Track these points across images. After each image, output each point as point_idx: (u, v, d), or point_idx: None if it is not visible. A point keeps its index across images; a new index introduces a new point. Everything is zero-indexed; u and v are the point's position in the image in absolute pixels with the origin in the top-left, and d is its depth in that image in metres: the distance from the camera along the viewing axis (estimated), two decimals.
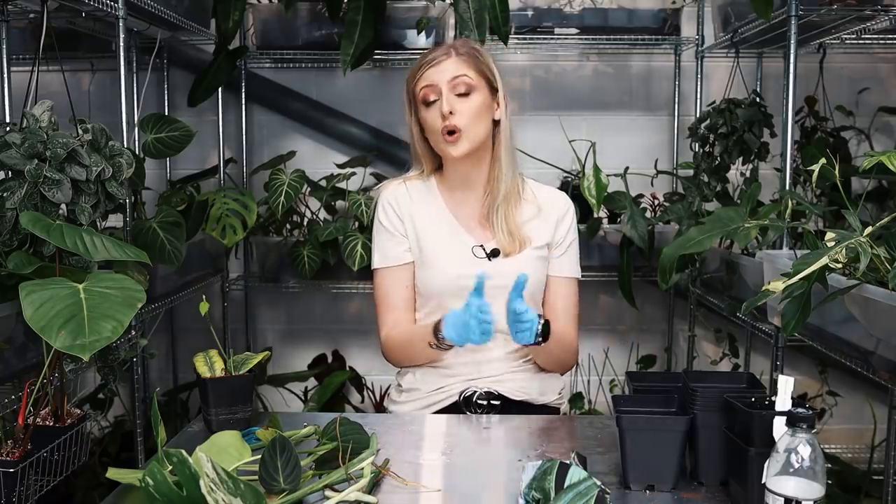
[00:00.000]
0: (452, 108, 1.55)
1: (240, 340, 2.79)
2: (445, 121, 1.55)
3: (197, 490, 0.89)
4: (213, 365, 1.37)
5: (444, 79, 1.56)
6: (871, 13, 1.94)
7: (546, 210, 1.66)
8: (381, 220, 1.67)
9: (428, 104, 1.58)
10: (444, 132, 1.56)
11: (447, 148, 1.57)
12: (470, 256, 1.62)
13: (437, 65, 1.57)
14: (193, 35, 2.44)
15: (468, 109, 1.56)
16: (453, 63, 1.57)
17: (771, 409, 1.05)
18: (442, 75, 1.56)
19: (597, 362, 2.81)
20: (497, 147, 1.63)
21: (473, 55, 1.59)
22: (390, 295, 1.66)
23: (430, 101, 1.57)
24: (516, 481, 1.10)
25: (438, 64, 1.57)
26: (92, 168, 1.26)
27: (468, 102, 1.56)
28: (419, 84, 1.59)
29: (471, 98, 1.57)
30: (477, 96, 1.57)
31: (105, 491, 2.16)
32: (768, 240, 1.83)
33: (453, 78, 1.56)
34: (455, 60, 1.57)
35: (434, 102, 1.57)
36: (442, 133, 1.56)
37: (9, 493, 1.08)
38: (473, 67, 1.58)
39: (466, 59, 1.58)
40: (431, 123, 1.58)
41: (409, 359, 1.64)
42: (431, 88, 1.57)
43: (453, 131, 1.55)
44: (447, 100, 1.55)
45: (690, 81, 2.70)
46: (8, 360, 1.35)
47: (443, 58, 1.57)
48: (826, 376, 2.66)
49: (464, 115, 1.55)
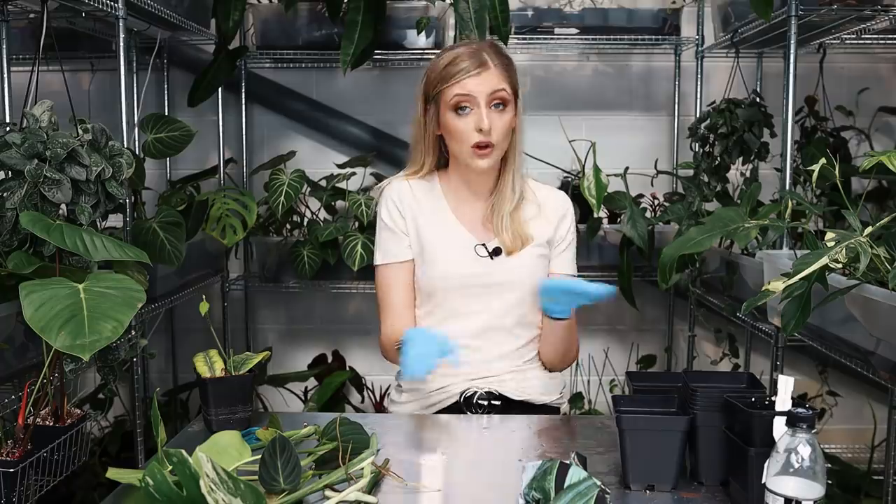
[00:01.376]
0: (492, 124, 1.52)
1: (240, 340, 2.79)
2: (482, 136, 1.52)
3: (197, 490, 0.89)
4: (213, 365, 1.37)
5: (484, 91, 1.52)
6: (871, 13, 1.94)
7: (546, 208, 1.66)
8: (383, 217, 1.67)
9: (459, 112, 1.54)
10: (477, 145, 1.53)
11: (476, 161, 1.55)
12: (472, 255, 1.62)
13: (477, 75, 1.52)
14: (193, 35, 2.44)
15: (503, 125, 1.54)
16: (494, 76, 1.53)
17: (771, 409, 1.05)
18: (482, 87, 1.52)
19: (597, 362, 2.81)
20: (509, 154, 1.61)
21: (507, 66, 1.56)
22: (391, 292, 1.66)
23: (463, 110, 1.54)
24: (516, 481, 1.10)
25: (479, 75, 1.52)
26: (92, 168, 1.26)
27: (503, 118, 1.54)
28: (452, 89, 1.53)
29: (505, 112, 1.55)
30: (510, 110, 1.56)
31: (105, 491, 2.16)
32: (768, 240, 1.83)
33: (493, 92, 1.52)
34: (495, 73, 1.53)
35: (467, 111, 1.53)
36: (473, 145, 1.54)
37: (9, 493, 1.08)
38: (509, 81, 1.55)
39: (504, 72, 1.54)
40: (461, 132, 1.54)
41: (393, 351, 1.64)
42: (468, 98, 1.53)
43: (487, 145, 1.53)
44: (486, 115, 1.52)
45: (690, 81, 2.70)
46: (8, 360, 1.35)
47: (483, 69, 1.52)
48: (826, 376, 2.66)
49: (498, 130, 1.53)
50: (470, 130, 1.53)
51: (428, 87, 1.59)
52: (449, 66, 1.54)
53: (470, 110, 1.53)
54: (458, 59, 1.54)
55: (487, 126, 1.51)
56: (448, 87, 1.54)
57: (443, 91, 1.55)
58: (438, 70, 1.56)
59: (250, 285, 2.74)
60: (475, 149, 1.54)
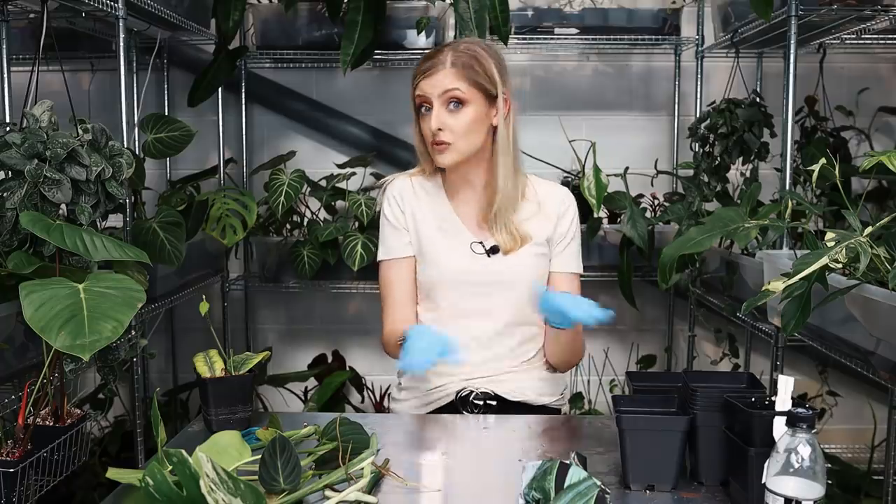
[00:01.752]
0: (442, 124, 1.54)
1: (240, 340, 2.79)
2: (434, 136, 1.55)
3: (197, 490, 0.89)
4: (213, 365, 1.37)
5: (435, 92, 1.54)
6: (871, 13, 1.94)
7: (546, 206, 1.66)
8: (386, 213, 1.68)
9: (422, 113, 1.58)
10: (433, 143, 1.56)
11: (435, 156, 1.58)
12: (469, 252, 1.62)
13: (429, 76, 1.54)
14: (193, 35, 2.44)
15: (458, 124, 1.55)
16: (445, 76, 1.54)
17: (771, 409, 1.05)
18: (433, 89, 1.54)
19: (597, 362, 2.81)
20: (496, 153, 1.61)
21: (470, 65, 1.54)
22: (393, 287, 1.67)
23: (423, 112, 1.57)
24: (516, 481, 1.10)
25: (431, 76, 1.54)
26: (92, 168, 1.26)
27: (459, 117, 1.55)
28: (415, 91, 1.58)
29: (462, 112, 1.55)
30: (469, 110, 1.55)
31: (105, 491, 2.16)
32: (768, 240, 1.83)
33: (444, 92, 1.54)
34: (448, 73, 1.54)
35: (426, 113, 1.57)
36: (431, 143, 1.57)
37: (9, 493, 1.08)
38: (466, 79, 1.54)
39: (460, 71, 1.54)
40: (423, 131, 1.59)
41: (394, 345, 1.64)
42: (423, 99, 1.56)
43: (441, 143, 1.56)
44: (437, 115, 1.54)
45: (690, 81, 2.70)
46: (8, 360, 1.35)
47: (437, 69, 1.54)
48: (826, 376, 2.66)
49: (453, 130, 1.55)
50: (427, 130, 1.57)
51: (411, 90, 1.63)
52: (416, 69, 1.59)
53: (428, 110, 1.56)
54: (422, 62, 1.59)
55: (434, 127, 1.54)
56: (413, 89, 1.59)
57: (412, 94, 1.60)
58: (413, 73, 1.61)
59: (250, 285, 2.74)
60: (433, 145, 1.57)
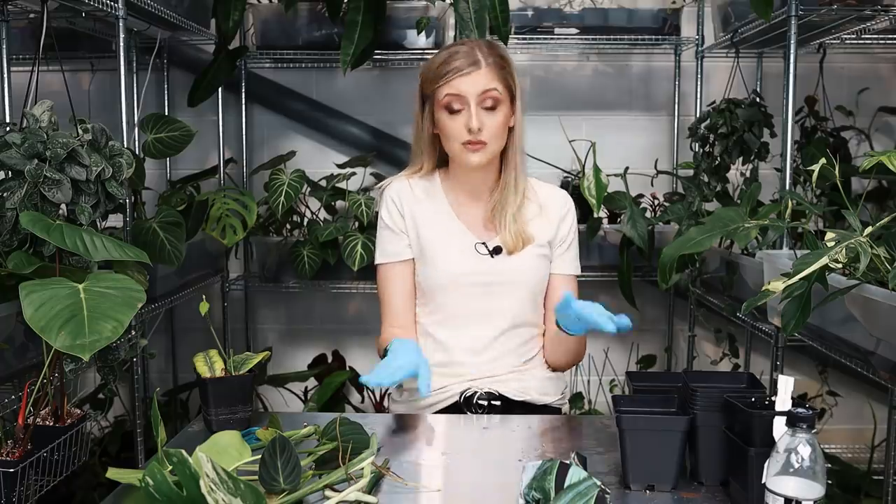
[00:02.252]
0: (482, 124, 1.52)
1: (240, 340, 2.79)
2: (472, 135, 1.53)
3: (197, 490, 0.89)
4: (213, 365, 1.37)
5: (474, 91, 1.52)
6: (871, 13, 1.94)
7: (547, 208, 1.66)
8: (383, 217, 1.67)
9: (451, 112, 1.54)
10: (468, 142, 1.54)
11: (468, 156, 1.55)
12: (472, 253, 1.62)
13: (467, 75, 1.51)
14: (193, 35, 2.44)
15: (494, 125, 1.54)
16: (484, 76, 1.52)
17: (771, 409, 1.05)
18: (472, 87, 1.52)
19: (597, 362, 2.81)
20: (509, 152, 1.60)
21: (501, 65, 1.55)
22: (390, 292, 1.67)
23: (455, 110, 1.54)
24: (516, 481, 1.10)
25: (469, 75, 1.51)
26: (92, 168, 1.26)
27: (495, 117, 1.54)
28: (443, 90, 1.54)
29: (497, 112, 1.54)
30: (502, 110, 1.55)
31: (105, 491, 2.16)
32: (768, 240, 1.83)
33: (483, 92, 1.52)
34: (486, 73, 1.52)
35: (458, 111, 1.54)
36: (464, 142, 1.54)
37: (9, 493, 1.08)
38: (501, 80, 1.54)
39: (496, 72, 1.53)
40: (453, 131, 1.55)
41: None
42: (458, 98, 1.53)
43: (478, 142, 1.53)
44: (476, 115, 1.52)
45: (690, 81, 2.70)
46: (8, 360, 1.35)
47: (473, 69, 1.52)
48: (826, 376, 2.65)
49: (490, 130, 1.53)
50: (461, 129, 1.54)
51: (423, 87, 1.59)
52: (441, 66, 1.54)
53: (461, 110, 1.53)
54: (450, 59, 1.54)
55: (476, 126, 1.52)
56: (440, 86, 1.54)
57: (435, 91, 1.55)
58: (432, 70, 1.56)
59: (250, 285, 2.74)
60: (466, 145, 1.54)
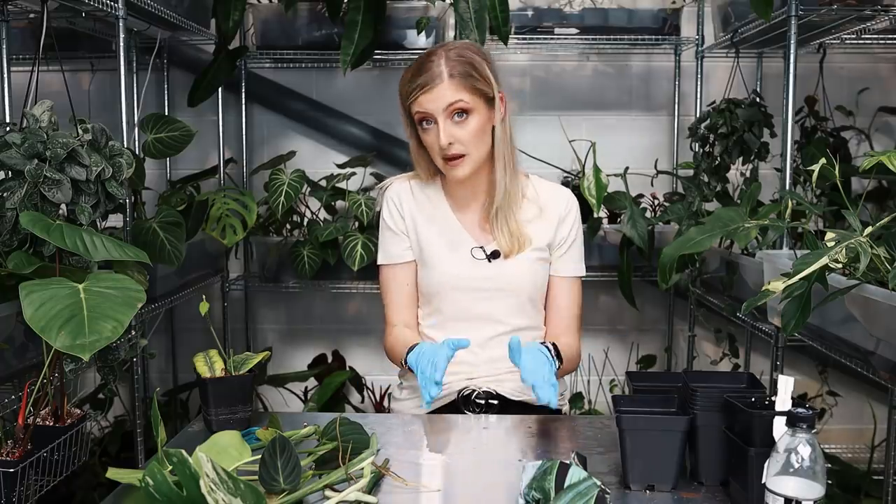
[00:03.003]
0: (452, 138, 1.50)
1: (240, 340, 2.79)
2: (444, 151, 1.51)
3: (197, 490, 0.89)
4: (213, 365, 1.37)
5: (439, 108, 1.49)
6: (871, 13, 1.94)
7: (547, 210, 1.64)
8: (385, 218, 1.67)
9: (424, 128, 1.54)
10: (445, 158, 1.53)
11: (451, 171, 1.54)
12: (469, 258, 1.62)
13: (429, 91, 1.49)
14: (193, 35, 2.44)
15: (467, 134, 1.51)
16: (447, 89, 1.49)
17: (771, 409, 1.05)
18: (436, 104, 1.49)
19: (597, 362, 2.81)
20: (496, 152, 1.58)
21: (467, 73, 1.50)
22: (392, 292, 1.67)
23: (427, 126, 1.53)
24: (516, 481, 1.10)
25: (431, 91, 1.49)
26: (92, 168, 1.26)
27: (466, 127, 1.51)
28: (413, 107, 1.53)
29: (468, 121, 1.51)
30: (475, 118, 1.52)
31: (105, 491, 2.16)
32: (768, 240, 1.83)
33: (448, 106, 1.49)
34: (448, 85, 1.49)
35: (430, 126, 1.52)
36: (443, 158, 1.53)
37: (9, 493, 1.08)
38: (467, 89, 1.50)
39: (460, 82, 1.49)
40: (431, 146, 1.55)
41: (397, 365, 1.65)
42: (425, 115, 1.51)
43: (454, 157, 1.52)
44: (444, 129, 1.49)
45: (690, 81, 2.70)
46: (8, 360, 1.35)
47: (436, 83, 1.49)
48: (826, 376, 2.66)
49: (463, 140, 1.51)
50: (435, 142, 1.53)
51: (401, 101, 1.58)
52: (408, 83, 1.53)
53: (432, 124, 1.52)
54: (415, 76, 1.52)
55: (445, 142, 1.50)
56: (410, 103, 1.53)
57: (409, 107, 1.55)
58: (403, 85, 1.55)
59: (250, 285, 2.74)
60: (444, 161, 1.53)
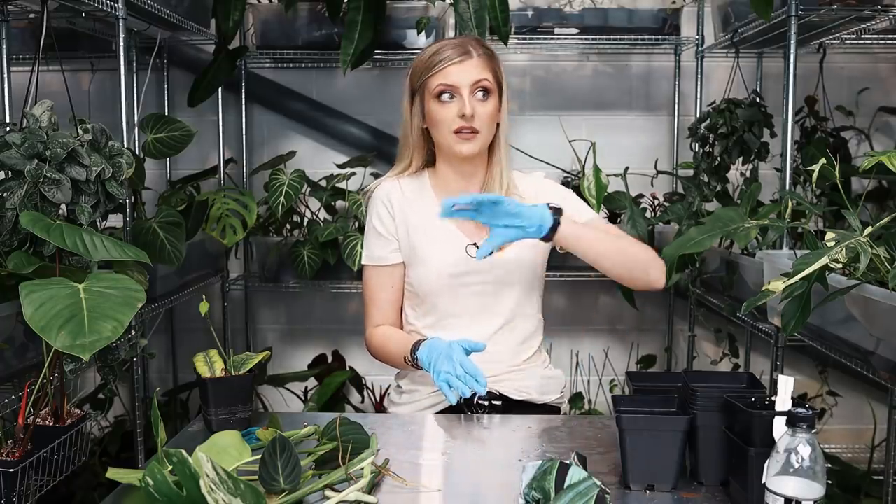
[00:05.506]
0: (475, 111, 1.53)
1: (240, 340, 2.79)
2: (465, 121, 1.53)
3: (197, 490, 0.89)
4: (213, 365, 1.37)
5: (468, 80, 1.54)
6: (871, 13, 1.94)
7: (526, 198, 1.62)
8: (372, 220, 1.67)
9: (443, 100, 1.55)
10: (460, 129, 1.54)
11: (460, 145, 1.56)
12: (463, 255, 1.61)
13: (460, 63, 1.54)
14: (193, 35, 2.44)
15: (486, 113, 1.55)
16: (476, 65, 1.55)
17: (771, 409, 1.05)
18: (465, 76, 1.54)
19: (597, 362, 2.81)
20: (495, 147, 1.61)
21: (490, 56, 1.58)
22: (374, 294, 1.68)
23: (447, 99, 1.55)
24: (516, 481, 1.10)
25: (462, 63, 1.54)
26: (92, 168, 1.26)
27: (486, 106, 1.55)
28: (436, 79, 1.55)
29: (488, 102, 1.56)
30: (493, 100, 1.57)
31: (105, 491, 2.16)
32: (768, 240, 1.83)
33: (476, 81, 1.54)
34: (477, 62, 1.55)
35: (450, 100, 1.55)
36: (456, 131, 1.55)
37: (9, 493, 1.08)
38: (491, 71, 1.57)
39: (487, 62, 1.56)
40: (444, 119, 1.56)
41: (386, 361, 1.65)
42: (450, 87, 1.54)
43: (470, 130, 1.54)
44: (469, 102, 1.53)
45: (690, 81, 2.70)
46: (8, 360, 1.35)
47: (465, 58, 1.54)
48: (826, 376, 2.66)
49: (482, 118, 1.55)
50: (453, 117, 1.54)
51: (413, 79, 1.60)
52: (433, 56, 1.56)
53: (453, 98, 1.55)
54: (442, 50, 1.56)
55: (470, 111, 1.53)
56: (431, 76, 1.56)
57: (427, 81, 1.57)
58: (423, 60, 1.58)
59: (250, 285, 2.74)
60: (458, 133, 1.55)
